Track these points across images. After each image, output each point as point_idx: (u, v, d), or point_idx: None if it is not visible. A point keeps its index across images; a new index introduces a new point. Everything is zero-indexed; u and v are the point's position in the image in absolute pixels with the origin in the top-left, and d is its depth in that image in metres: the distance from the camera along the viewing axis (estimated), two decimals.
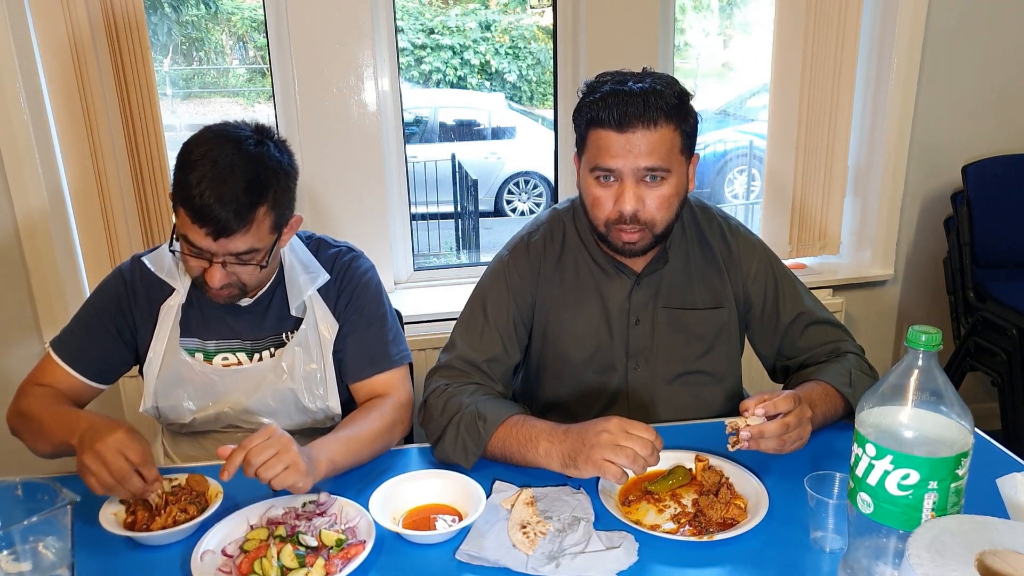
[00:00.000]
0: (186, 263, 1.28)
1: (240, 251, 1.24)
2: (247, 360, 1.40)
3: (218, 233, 1.20)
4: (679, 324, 1.44)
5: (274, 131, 1.31)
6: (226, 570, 1.01)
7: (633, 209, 1.27)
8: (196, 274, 1.28)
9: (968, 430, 0.86)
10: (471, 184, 4.95)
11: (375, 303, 1.43)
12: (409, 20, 6.01)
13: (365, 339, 1.41)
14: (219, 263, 1.24)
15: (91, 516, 1.09)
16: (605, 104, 1.24)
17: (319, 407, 1.40)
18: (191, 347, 1.39)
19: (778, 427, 1.14)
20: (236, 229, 1.20)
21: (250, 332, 1.40)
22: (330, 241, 1.48)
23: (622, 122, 1.23)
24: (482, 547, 1.05)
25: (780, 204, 2.69)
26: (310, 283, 1.39)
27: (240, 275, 1.28)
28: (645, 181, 1.27)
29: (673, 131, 1.26)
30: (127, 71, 2.12)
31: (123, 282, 1.39)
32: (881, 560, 0.91)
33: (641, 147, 1.24)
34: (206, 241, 1.21)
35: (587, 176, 1.31)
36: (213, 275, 1.25)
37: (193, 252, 1.23)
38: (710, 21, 6.03)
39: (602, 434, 1.12)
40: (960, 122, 2.66)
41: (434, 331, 2.35)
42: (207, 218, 1.18)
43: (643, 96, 1.23)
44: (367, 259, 1.48)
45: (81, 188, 2.20)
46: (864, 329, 2.82)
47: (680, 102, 1.27)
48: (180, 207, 1.21)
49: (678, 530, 1.10)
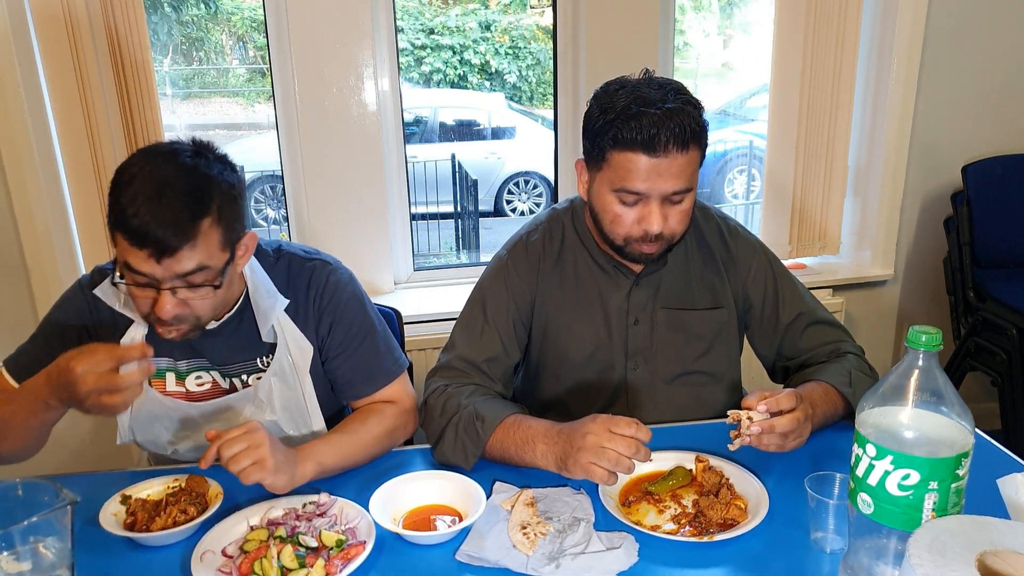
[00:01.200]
0: (133, 297, 1.15)
1: (188, 271, 1.11)
2: (221, 379, 1.33)
3: (160, 252, 1.08)
4: (678, 324, 1.44)
5: (215, 146, 1.19)
6: (226, 571, 1.01)
7: (659, 229, 1.27)
8: (146, 309, 1.15)
9: (968, 430, 0.86)
10: (471, 184, 4.95)
11: (361, 318, 1.36)
12: (409, 20, 6.01)
13: (357, 358, 1.35)
14: (167, 290, 1.12)
15: (91, 516, 1.09)
16: (638, 127, 1.20)
17: (303, 435, 1.35)
18: (162, 367, 1.31)
19: (788, 422, 1.13)
20: (179, 245, 1.08)
21: (218, 356, 1.31)
22: (300, 254, 1.37)
23: (655, 147, 1.20)
24: (482, 548, 1.05)
25: (780, 204, 2.69)
26: (272, 308, 1.29)
27: (192, 303, 1.15)
28: (670, 199, 1.27)
29: (698, 151, 1.26)
30: (127, 71, 2.12)
31: (85, 299, 1.28)
32: (882, 560, 0.91)
33: (672, 171, 1.23)
34: (149, 264, 1.09)
35: (607, 193, 1.29)
36: (163, 305, 1.12)
37: (139, 282, 1.11)
38: (710, 21, 6.03)
39: (587, 436, 1.12)
40: (960, 122, 2.66)
41: (434, 331, 2.35)
42: (146, 238, 1.07)
43: (676, 120, 1.20)
44: (344, 268, 1.39)
45: (81, 188, 2.19)
46: (864, 329, 2.82)
47: (704, 121, 1.26)
48: (117, 232, 1.09)
49: (678, 531, 1.10)
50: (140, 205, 1.06)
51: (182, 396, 1.33)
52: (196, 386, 1.33)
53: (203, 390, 1.34)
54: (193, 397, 1.33)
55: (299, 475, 1.14)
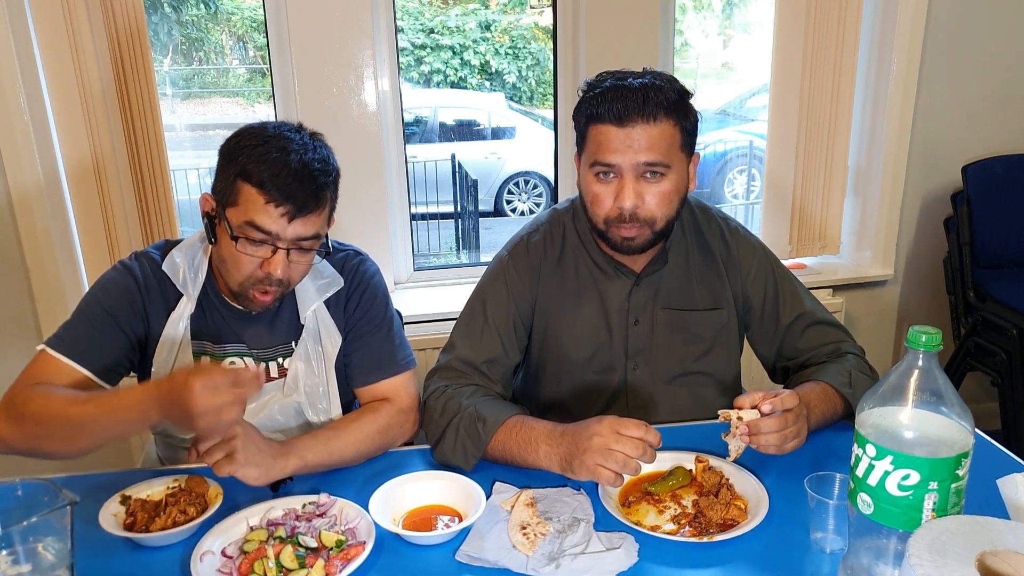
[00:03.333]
0: (239, 259, 1.20)
1: (308, 235, 1.20)
2: (253, 365, 1.36)
3: (296, 212, 1.17)
4: (678, 325, 1.44)
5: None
6: (226, 571, 1.01)
7: (633, 205, 1.27)
8: (248, 270, 1.21)
9: (968, 430, 0.86)
10: (471, 184, 4.96)
11: (383, 308, 1.41)
12: (409, 20, 6.02)
13: (372, 344, 1.39)
14: (284, 250, 1.19)
15: (91, 517, 1.09)
16: (604, 99, 1.24)
17: (322, 420, 1.38)
18: (199, 350, 1.34)
19: (776, 422, 1.13)
20: (312, 209, 1.18)
21: (257, 341, 1.36)
22: (335, 244, 1.41)
23: (621, 116, 1.23)
24: (482, 548, 1.05)
25: (780, 204, 2.69)
26: (324, 289, 1.36)
27: (294, 268, 1.23)
28: (645, 177, 1.27)
29: (673, 127, 1.26)
30: (127, 71, 2.12)
31: (134, 279, 1.30)
32: (881, 561, 0.91)
33: (641, 142, 1.24)
34: (279, 223, 1.17)
35: (587, 173, 1.31)
36: (278, 264, 1.19)
37: (256, 238, 1.18)
38: (710, 21, 6.03)
39: (593, 438, 1.12)
40: (960, 122, 2.66)
41: (434, 331, 2.35)
42: (287, 197, 1.15)
43: (643, 91, 1.23)
44: (373, 262, 1.45)
45: (81, 188, 2.19)
46: (864, 329, 2.82)
47: (680, 98, 1.27)
48: (253, 188, 1.16)
49: (678, 531, 1.10)
50: (284, 166, 1.15)
51: None
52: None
53: None
54: None
55: (277, 469, 1.15)
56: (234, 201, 1.19)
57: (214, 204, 1.23)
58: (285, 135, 1.20)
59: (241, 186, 1.17)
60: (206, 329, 1.34)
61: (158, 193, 2.24)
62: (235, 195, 1.18)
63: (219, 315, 1.34)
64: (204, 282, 1.32)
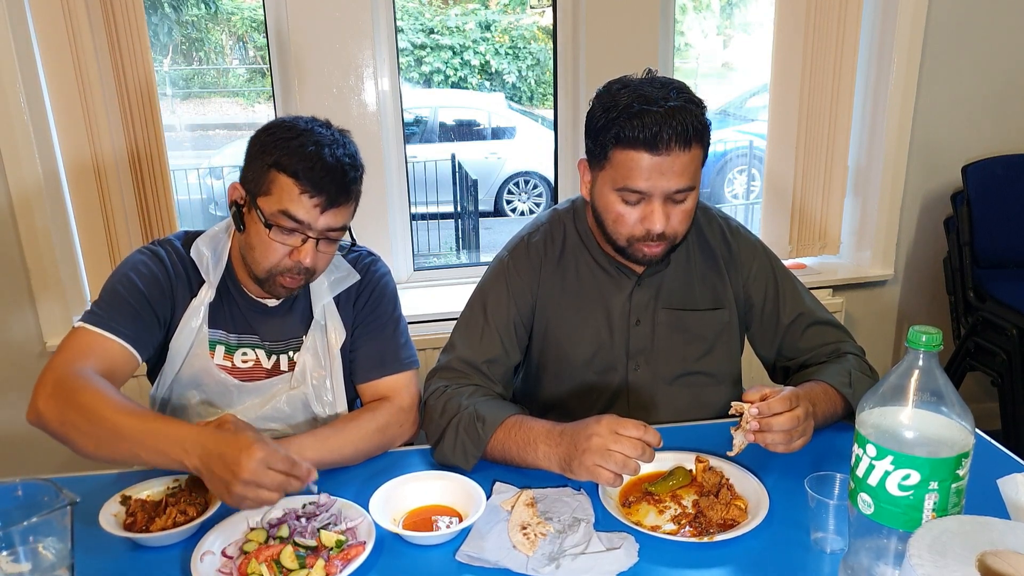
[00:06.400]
0: (269, 246, 1.24)
1: (338, 226, 1.25)
2: (265, 358, 1.39)
3: (328, 203, 1.21)
4: (679, 325, 1.44)
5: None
6: (226, 571, 1.01)
7: (662, 228, 1.26)
8: (276, 258, 1.25)
9: (969, 430, 0.86)
10: (471, 184, 4.96)
11: (391, 306, 1.43)
12: (409, 20, 6.01)
13: (378, 341, 1.40)
14: (313, 239, 1.24)
15: (91, 517, 1.09)
16: (640, 125, 1.19)
17: (328, 414, 1.39)
18: (215, 339, 1.36)
19: (787, 420, 1.13)
20: (345, 201, 1.23)
21: (271, 334, 1.39)
22: (345, 243, 1.44)
23: (656, 145, 1.20)
24: (482, 548, 1.05)
25: (780, 204, 2.69)
26: (338, 284, 1.39)
27: (321, 258, 1.27)
28: (672, 199, 1.26)
29: (701, 150, 1.26)
30: (127, 71, 2.12)
31: (162, 264, 1.32)
32: (882, 561, 0.91)
33: (674, 169, 1.22)
34: (312, 213, 1.21)
35: (609, 192, 1.28)
36: (307, 253, 1.23)
37: (288, 227, 1.22)
38: (710, 21, 6.03)
39: (592, 438, 1.12)
40: (960, 122, 2.66)
41: (434, 331, 2.35)
42: (323, 189, 1.19)
43: (678, 118, 1.19)
44: (385, 264, 1.48)
45: (81, 189, 2.19)
46: (864, 329, 2.82)
47: (705, 118, 1.25)
48: (288, 178, 1.19)
49: (678, 531, 1.10)
50: (319, 159, 1.19)
51: (227, 371, 1.37)
52: (241, 362, 1.38)
53: (247, 367, 1.39)
54: (236, 373, 1.37)
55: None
56: (267, 190, 1.22)
57: (243, 193, 1.26)
58: (316, 130, 1.24)
59: (276, 176, 1.21)
60: (222, 319, 1.37)
61: (158, 193, 2.24)
62: (268, 184, 1.22)
63: (236, 306, 1.37)
64: (223, 272, 1.34)
